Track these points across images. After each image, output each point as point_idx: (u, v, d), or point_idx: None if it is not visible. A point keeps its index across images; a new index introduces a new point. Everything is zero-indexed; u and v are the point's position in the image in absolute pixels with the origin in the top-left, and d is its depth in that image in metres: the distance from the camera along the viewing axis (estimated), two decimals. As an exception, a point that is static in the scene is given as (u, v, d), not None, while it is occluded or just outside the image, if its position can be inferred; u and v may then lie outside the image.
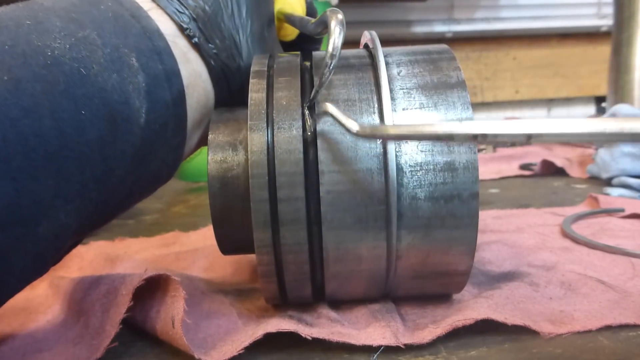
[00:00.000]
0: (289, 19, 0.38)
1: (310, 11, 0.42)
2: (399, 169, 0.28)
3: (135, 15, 0.29)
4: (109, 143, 0.27)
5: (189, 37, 0.31)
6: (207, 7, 0.32)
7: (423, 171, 0.28)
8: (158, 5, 0.31)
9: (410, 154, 0.28)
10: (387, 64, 0.31)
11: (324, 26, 0.31)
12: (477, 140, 0.21)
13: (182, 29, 0.31)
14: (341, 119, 0.27)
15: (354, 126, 0.26)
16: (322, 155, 0.28)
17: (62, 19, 0.27)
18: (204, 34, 0.32)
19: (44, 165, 0.24)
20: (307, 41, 0.42)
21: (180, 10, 0.31)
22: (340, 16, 0.29)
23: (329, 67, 0.28)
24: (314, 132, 0.29)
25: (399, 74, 0.30)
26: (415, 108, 0.29)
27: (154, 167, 0.31)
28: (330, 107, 0.28)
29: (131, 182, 0.29)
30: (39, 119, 0.24)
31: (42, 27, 0.26)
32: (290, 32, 0.41)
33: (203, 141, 0.36)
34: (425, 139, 0.24)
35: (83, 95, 0.25)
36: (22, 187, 0.23)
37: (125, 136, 0.27)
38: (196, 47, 0.32)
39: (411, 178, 0.28)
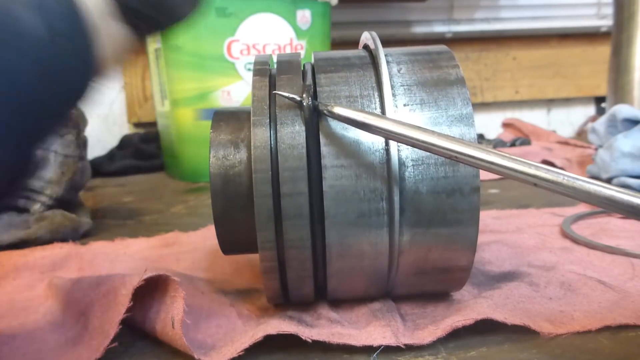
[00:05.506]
0: None
1: None
2: (401, 163, 0.28)
3: None
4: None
5: None
6: None
7: (425, 165, 0.28)
8: None
9: (412, 147, 0.28)
10: (387, 62, 0.31)
11: None
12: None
13: None
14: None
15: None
16: (325, 149, 0.28)
17: None
18: None
19: None
20: None
21: None
22: None
23: None
24: (316, 128, 0.29)
25: (399, 71, 0.31)
26: (416, 104, 0.29)
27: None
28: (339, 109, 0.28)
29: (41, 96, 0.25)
30: None
31: None
32: None
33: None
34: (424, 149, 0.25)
35: None
36: None
37: (23, 51, 0.24)
38: None
39: (413, 172, 0.28)
